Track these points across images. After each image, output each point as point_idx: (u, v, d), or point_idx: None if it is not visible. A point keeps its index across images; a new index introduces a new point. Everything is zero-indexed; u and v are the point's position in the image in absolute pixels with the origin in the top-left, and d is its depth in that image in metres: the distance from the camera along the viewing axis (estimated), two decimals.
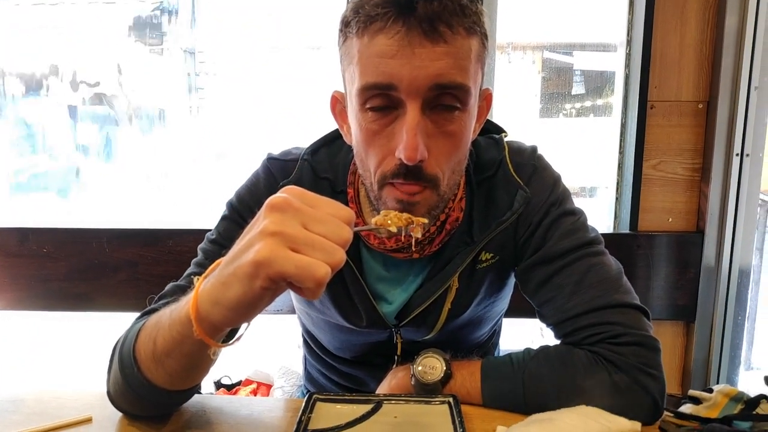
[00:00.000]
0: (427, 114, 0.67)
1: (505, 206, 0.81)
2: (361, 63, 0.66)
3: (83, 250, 1.47)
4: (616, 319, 0.73)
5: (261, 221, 0.50)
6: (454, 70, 0.65)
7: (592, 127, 1.79)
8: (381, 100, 0.67)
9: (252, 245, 0.49)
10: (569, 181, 0.87)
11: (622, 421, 0.67)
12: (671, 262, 1.47)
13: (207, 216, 1.45)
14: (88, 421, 0.72)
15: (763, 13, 1.34)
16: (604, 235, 0.83)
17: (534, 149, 0.86)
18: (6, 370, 0.78)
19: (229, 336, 0.61)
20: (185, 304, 0.56)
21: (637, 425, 0.67)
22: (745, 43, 1.35)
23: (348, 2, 0.69)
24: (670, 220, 1.49)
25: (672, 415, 0.69)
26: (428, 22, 0.62)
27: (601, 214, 1.61)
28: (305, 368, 1.09)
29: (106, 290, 1.49)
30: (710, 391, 0.70)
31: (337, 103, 0.79)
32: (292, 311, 1.23)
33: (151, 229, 1.47)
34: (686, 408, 0.69)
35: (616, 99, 1.54)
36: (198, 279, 0.55)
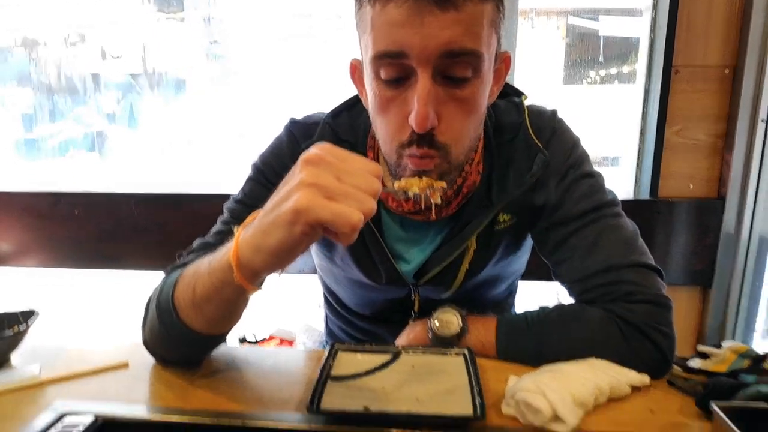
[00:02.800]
0: (439, 81, 0.67)
1: (524, 169, 0.82)
2: (373, 32, 0.67)
3: (112, 213, 1.53)
4: (630, 278, 0.75)
5: (298, 174, 0.53)
6: (465, 37, 0.65)
7: (617, 94, 1.76)
8: (393, 68, 0.68)
9: (291, 195, 0.52)
10: (594, 151, 0.88)
11: (632, 374, 0.70)
12: (691, 228, 1.47)
13: (230, 181, 1.49)
14: (125, 366, 0.77)
15: None
16: (624, 201, 0.84)
17: (554, 112, 0.87)
18: (45, 323, 0.83)
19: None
20: (225, 253, 0.60)
21: (646, 378, 0.70)
22: None
23: None
24: (691, 186, 1.48)
25: (681, 369, 0.71)
26: None
27: (624, 183, 1.60)
28: (326, 325, 1.13)
29: (134, 251, 1.55)
30: (719, 347, 0.72)
31: (356, 70, 0.81)
32: (313, 271, 1.28)
33: (177, 193, 1.51)
34: (694, 363, 0.71)
35: (640, 65, 1.51)
36: (237, 228, 0.59)
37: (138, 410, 0.66)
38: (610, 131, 1.81)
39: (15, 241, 1.59)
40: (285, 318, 1.52)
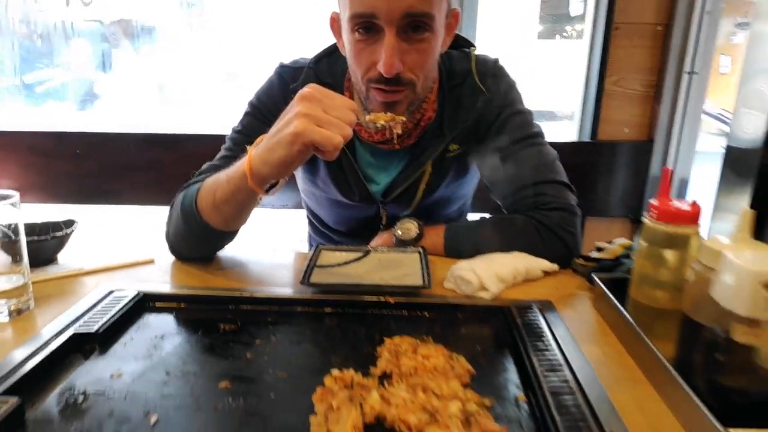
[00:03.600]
0: (401, 36, 0.86)
1: (469, 107, 1.02)
2: None
3: (111, 152, 1.68)
4: (547, 191, 0.96)
5: (295, 107, 0.72)
6: (421, 3, 0.83)
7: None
8: (366, 25, 0.86)
9: (290, 123, 0.72)
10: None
11: (544, 263, 0.92)
12: (625, 167, 1.70)
13: (218, 123, 1.67)
14: (151, 262, 0.96)
15: None
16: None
17: (496, 60, 1.06)
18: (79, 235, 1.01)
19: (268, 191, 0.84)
20: (240, 165, 0.79)
21: (555, 266, 0.93)
22: None
23: None
24: (626, 131, 1.70)
25: (582, 259, 0.94)
26: None
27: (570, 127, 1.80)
28: (309, 244, 1.33)
29: (133, 188, 1.71)
30: (611, 243, 0.94)
31: (335, 22, 0.98)
32: (297, 207, 1.46)
33: (171, 134, 1.67)
34: (592, 254, 0.94)
35: (587, 22, 1.70)
36: (249, 147, 0.78)
37: (169, 288, 0.86)
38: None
39: (20, 178, 1.73)
40: (274, 247, 1.71)
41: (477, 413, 0.58)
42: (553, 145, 1.03)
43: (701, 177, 1.78)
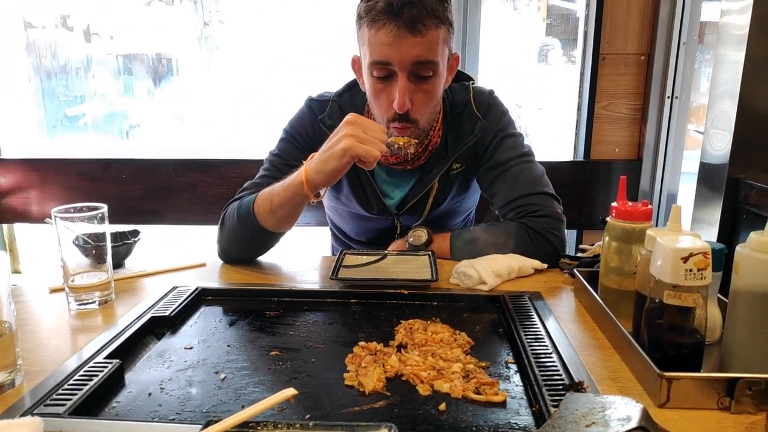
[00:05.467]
0: (411, 80, 1.04)
1: (469, 132, 1.20)
2: (369, 46, 1.03)
3: (153, 177, 1.88)
4: (536, 201, 1.13)
5: (342, 129, 0.93)
6: (428, 53, 1.02)
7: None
8: (382, 71, 1.05)
9: (340, 141, 0.92)
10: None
11: (535, 262, 1.08)
12: (618, 183, 1.85)
13: (240, 151, 1.88)
14: (203, 265, 1.14)
15: None
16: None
17: (491, 92, 1.24)
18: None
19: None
20: (297, 175, 0.98)
21: (544, 265, 1.09)
22: (677, 7, 1.69)
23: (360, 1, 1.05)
24: (617, 150, 1.86)
25: (567, 258, 1.10)
26: (411, 23, 0.98)
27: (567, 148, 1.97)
28: (332, 254, 1.51)
29: (173, 207, 1.90)
30: (592, 245, 1.11)
31: (356, 63, 1.17)
32: (320, 224, 1.64)
33: (206, 159, 1.87)
34: (576, 254, 1.10)
35: (577, 53, 1.89)
36: (304, 162, 0.98)
37: (221, 284, 1.03)
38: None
39: (72, 200, 1.93)
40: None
41: (474, 371, 0.75)
42: (552, 164, 1.21)
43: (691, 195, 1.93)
